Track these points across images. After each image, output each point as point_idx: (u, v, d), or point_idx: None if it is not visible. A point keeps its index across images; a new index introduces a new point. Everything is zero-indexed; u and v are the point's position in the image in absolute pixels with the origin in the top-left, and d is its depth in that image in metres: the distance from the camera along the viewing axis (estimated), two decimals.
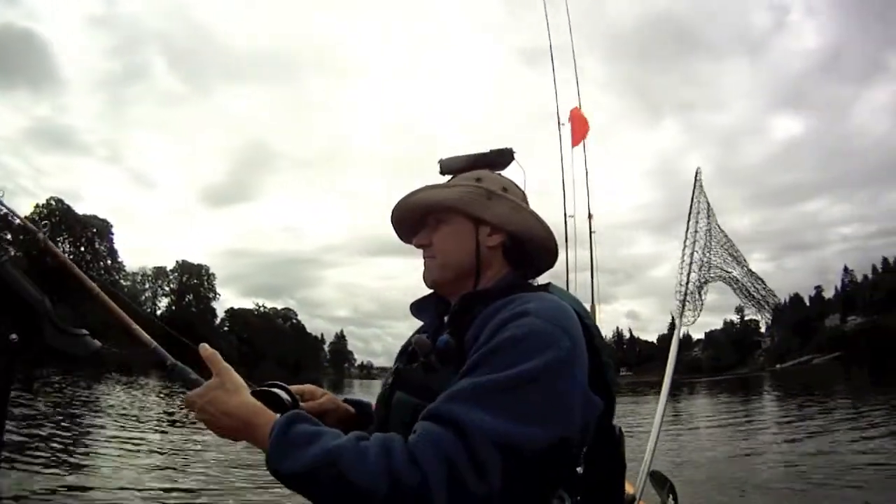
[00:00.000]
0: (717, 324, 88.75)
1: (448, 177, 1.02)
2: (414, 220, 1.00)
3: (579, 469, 0.84)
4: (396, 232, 1.05)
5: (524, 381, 0.71)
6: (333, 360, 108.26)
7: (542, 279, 1.02)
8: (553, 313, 0.79)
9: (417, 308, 1.04)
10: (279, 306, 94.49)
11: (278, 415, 0.78)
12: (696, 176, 2.75)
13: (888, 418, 11.22)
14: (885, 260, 72.10)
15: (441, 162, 1.03)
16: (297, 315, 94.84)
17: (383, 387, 0.94)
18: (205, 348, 0.85)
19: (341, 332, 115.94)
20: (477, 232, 0.94)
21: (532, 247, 0.97)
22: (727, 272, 2.67)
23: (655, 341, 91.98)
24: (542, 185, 1.07)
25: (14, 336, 0.66)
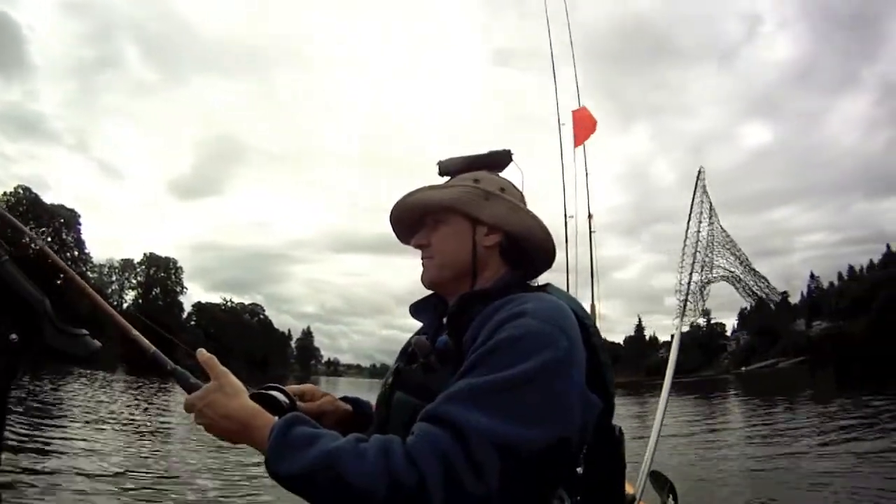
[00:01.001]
0: (684, 326, 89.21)
1: (446, 178, 1.02)
2: (412, 220, 1.01)
3: (579, 469, 0.84)
4: (395, 232, 1.05)
5: (522, 382, 0.71)
6: (300, 357, 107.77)
7: (542, 279, 1.02)
8: (550, 313, 0.79)
9: (417, 309, 1.04)
10: (246, 301, 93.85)
11: (276, 417, 0.78)
12: (698, 175, 2.74)
13: (859, 420, 11.53)
14: (850, 268, 73.78)
15: (440, 163, 1.03)
16: (264, 310, 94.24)
17: (383, 387, 0.95)
18: (202, 353, 0.86)
19: (308, 328, 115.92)
20: (474, 232, 0.94)
21: (530, 247, 0.97)
22: (730, 272, 2.66)
23: (622, 343, 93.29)
24: (532, 184, 1.07)
25: (14, 336, 0.66)
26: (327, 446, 0.69)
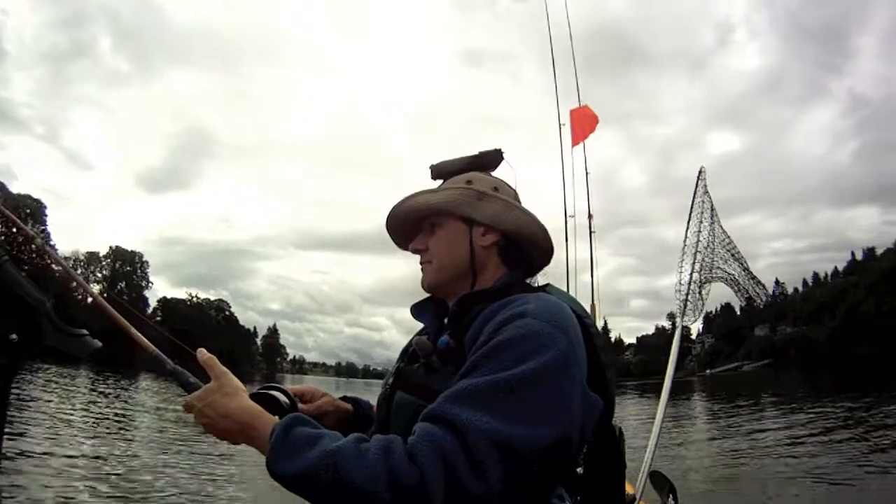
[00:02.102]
0: (649, 329, 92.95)
1: (439, 181, 1.02)
2: (408, 226, 1.01)
3: (579, 469, 0.84)
4: (393, 239, 1.05)
5: (523, 382, 0.71)
6: (266, 354, 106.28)
7: (542, 279, 1.02)
8: (551, 313, 0.79)
9: (418, 310, 1.04)
10: (212, 297, 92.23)
11: (277, 418, 0.78)
12: (698, 175, 2.74)
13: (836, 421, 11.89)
14: (815, 274, 76.47)
15: (432, 167, 1.04)
16: (230, 307, 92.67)
17: (384, 387, 0.95)
18: (202, 353, 0.86)
19: (274, 325, 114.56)
20: (470, 233, 0.94)
21: (527, 244, 0.97)
22: (729, 273, 2.66)
23: None
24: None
25: (14, 336, 0.66)
26: (328, 447, 0.69)
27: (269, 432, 0.75)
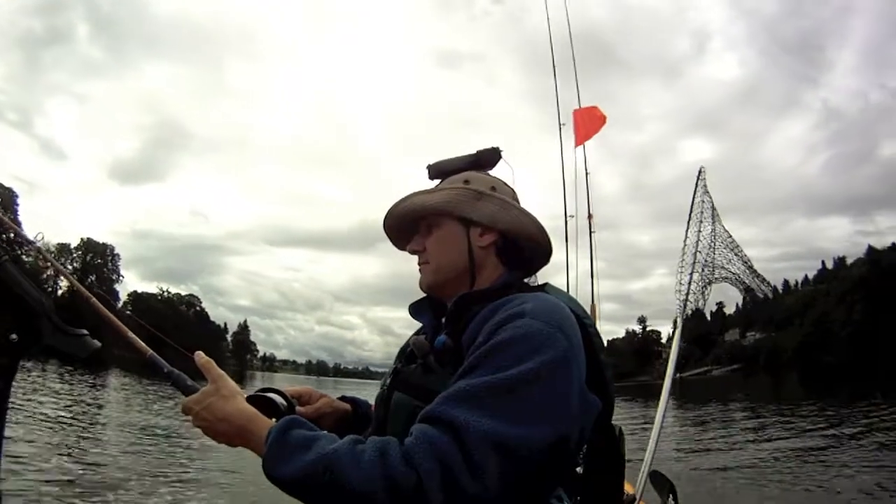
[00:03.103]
0: (620, 332, 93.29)
1: (436, 181, 1.02)
2: (405, 227, 1.00)
3: (579, 469, 0.83)
4: (390, 239, 1.05)
5: (520, 383, 0.71)
6: (236, 351, 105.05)
7: (541, 278, 1.02)
8: (549, 313, 0.79)
9: (416, 310, 1.03)
10: (183, 292, 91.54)
11: (274, 419, 0.79)
12: (698, 175, 2.73)
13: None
14: (785, 282, 77.01)
15: (429, 167, 1.03)
16: (200, 302, 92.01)
17: (382, 388, 0.95)
18: (200, 356, 0.87)
19: (245, 322, 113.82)
20: (468, 233, 0.94)
21: (526, 244, 0.96)
22: (732, 273, 2.66)
23: None
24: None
25: (14, 336, 0.66)
26: (324, 449, 0.70)
27: (265, 435, 0.75)
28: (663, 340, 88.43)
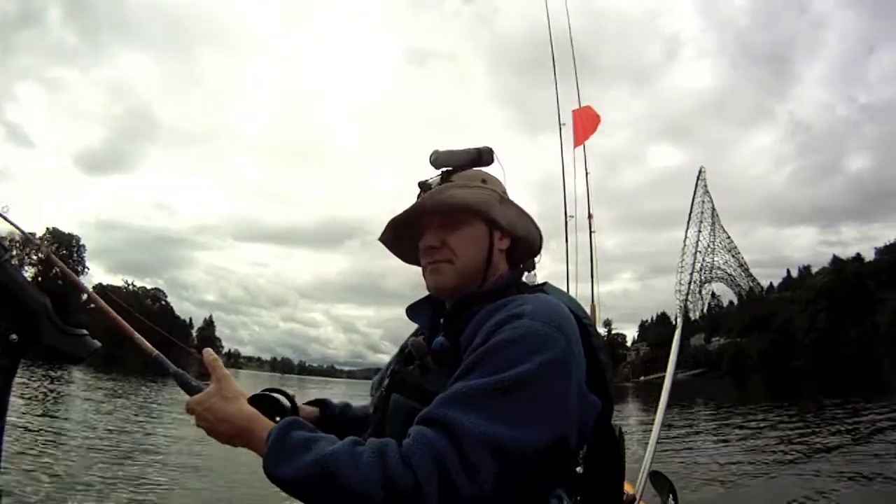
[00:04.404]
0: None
1: (439, 170, 0.98)
2: (409, 223, 0.96)
3: (579, 469, 0.84)
4: (389, 237, 1.01)
5: (519, 384, 0.71)
6: (201, 347, 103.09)
7: (540, 277, 1.02)
8: (548, 314, 0.79)
9: (414, 311, 1.03)
10: (148, 285, 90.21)
11: (277, 418, 0.80)
12: (698, 175, 2.72)
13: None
14: (750, 289, 76.94)
15: (435, 156, 0.99)
16: (166, 296, 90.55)
17: (380, 389, 0.95)
18: (208, 353, 0.89)
19: (210, 317, 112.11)
20: (491, 235, 0.94)
21: (529, 249, 0.99)
22: (729, 275, 2.66)
23: None
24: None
25: (14, 336, 0.66)
26: (323, 450, 0.70)
27: (266, 436, 0.76)
28: (628, 343, 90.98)
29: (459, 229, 0.92)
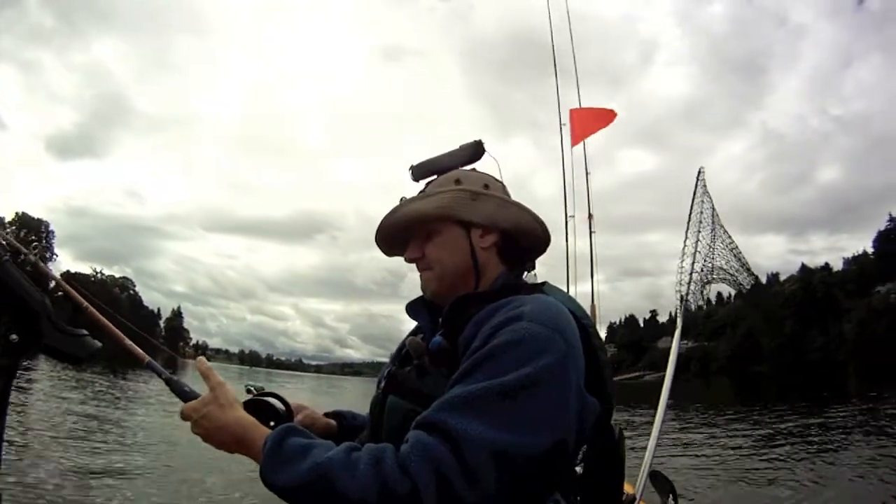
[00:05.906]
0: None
1: (422, 184, 0.99)
2: (398, 235, 0.98)
3: (578, 469, 0.83)
4: (382, 250, 1.02)
5: (518, 388, 0.70)
6: (169, 338, 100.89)
7: (540, 277, 1.01)
8: (547, 316, 0.78)
9: (413, 310, 1.02)
10: (116, 274, 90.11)
11: (272, 423, 0.80)
12: (698, 175, 2.73)
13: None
14: (719, 294, 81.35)
15: (413, 168, 1.00)
16: (135, 286, 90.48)
17: (376, 390, 0.94)
18: (202, 362, 0.88)
19: (178, 308, 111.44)
20: (469, 235, 0.92)
21: (525, 240, 0.96)
22: (731, 275, 2.66)
23: None
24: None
25: (14, 336, 0.66)
26: (320, 457, 0.70)
27: (262, 444, 0.75)
28: None
29: (433, 237, 0.93)
